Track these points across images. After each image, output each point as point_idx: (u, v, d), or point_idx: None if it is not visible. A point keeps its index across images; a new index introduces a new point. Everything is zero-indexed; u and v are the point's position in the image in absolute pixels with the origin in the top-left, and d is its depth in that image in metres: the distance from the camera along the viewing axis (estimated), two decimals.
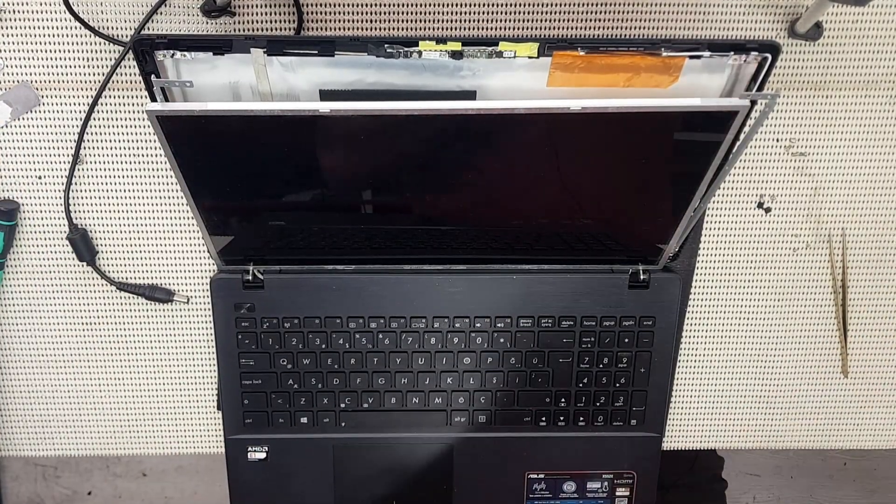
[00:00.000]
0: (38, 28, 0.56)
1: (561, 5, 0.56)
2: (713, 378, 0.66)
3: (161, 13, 0.55)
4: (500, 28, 0.57)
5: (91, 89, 0.57)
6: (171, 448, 0.66)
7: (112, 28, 0.56)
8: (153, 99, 0.47)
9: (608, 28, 0.57)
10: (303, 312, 0.60)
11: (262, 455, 0.62)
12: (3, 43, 0.56)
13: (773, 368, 0.66)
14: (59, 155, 0.59)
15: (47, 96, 0.57)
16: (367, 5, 0.56)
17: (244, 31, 0.56)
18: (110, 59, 0.56)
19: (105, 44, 0.56)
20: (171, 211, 0.60)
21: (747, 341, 0.65)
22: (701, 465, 0.68)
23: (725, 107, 0.46)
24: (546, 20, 0.56)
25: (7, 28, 0.56)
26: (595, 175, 0.53)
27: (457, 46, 0.45)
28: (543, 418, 0.62)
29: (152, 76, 0.46)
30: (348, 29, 0.56)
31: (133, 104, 0.58)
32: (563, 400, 0.62)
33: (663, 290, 0.60)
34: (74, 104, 0.57)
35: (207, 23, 0.56)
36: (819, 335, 0.65)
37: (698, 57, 0.47)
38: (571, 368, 0.61)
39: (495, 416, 0.62)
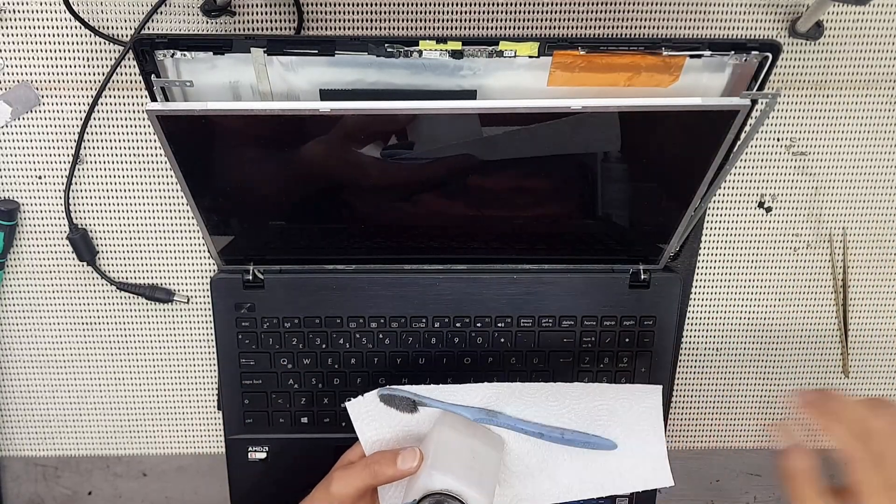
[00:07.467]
0: (38, 28, 0.56)
1: (561, 5, 0.56)
2: (713, 378, 0.66)
3: (161, 13, 0.55)
4: (501, 28, 0.57)
5: (91, 89, 0.57)
6: (171, 448, 0.66)
7: (112, 28, 0.56)
8: (153, 99, 0.47)
9: (608, 28, 0.57)
10: (303, 312, 0.59)
11: (263, 455, 0.62)
12: (3, 43, 0.56)
13: (773, 368, 0.66)
14: (59, 155, 0.59)
15: (47, 96, 0.57)
16: (367, 5, 0.56)
17: (244, 30, 0.56)
18: (110, 59, 0.56)
19: (105, 44, 0.56)
20: (171, 211, 0.60)
21: (747, 341, 0.65)
22: None
23: (726, 106, 0.46)
24: (546, 20, 0.56)
25: (7, 28, 0.56)
26: (595, 174, 0.53)
27: (457, 46, 0.45)
28: None
29: (152, 76, 0.46)
30: (348, 29, 0.56)
31: (133, 104, 0.58)
32: None
33: (664, 289, 0.60)
34: (74, 104, 0.57)
35: (207, 22, 0.56)
36: (819, 335, 0.65)
37: (699, 56, 0.47)
38: (572, 368, 0.61)
39: None
